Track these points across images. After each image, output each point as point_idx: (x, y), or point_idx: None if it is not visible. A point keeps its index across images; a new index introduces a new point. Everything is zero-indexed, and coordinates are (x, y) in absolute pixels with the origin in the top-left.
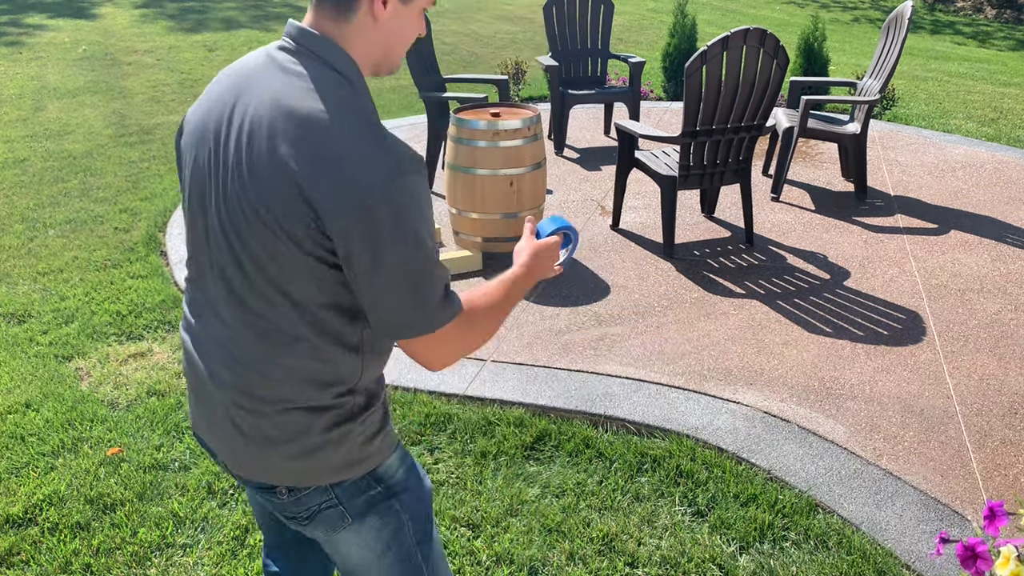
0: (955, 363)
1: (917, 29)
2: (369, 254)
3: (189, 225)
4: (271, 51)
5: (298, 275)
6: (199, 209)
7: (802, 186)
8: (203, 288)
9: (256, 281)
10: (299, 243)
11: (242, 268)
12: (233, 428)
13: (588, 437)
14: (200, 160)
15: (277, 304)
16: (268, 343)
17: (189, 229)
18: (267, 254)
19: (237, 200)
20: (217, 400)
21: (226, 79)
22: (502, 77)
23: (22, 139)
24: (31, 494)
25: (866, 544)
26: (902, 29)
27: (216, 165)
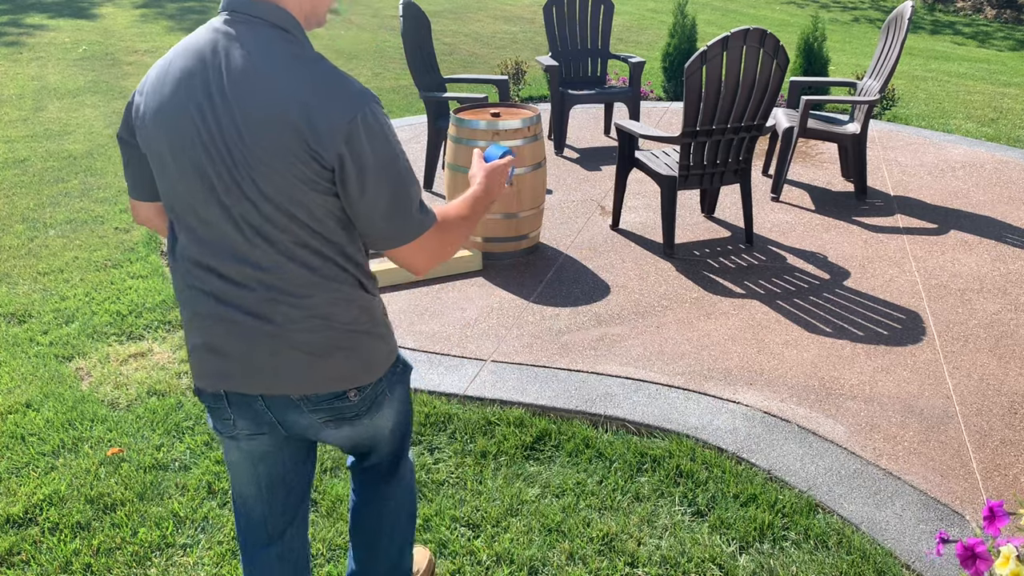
0: (955, 363)
1: (917, 29)
2: (356, 170)
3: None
4: (218, 26)
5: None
6: (196, 176)
7: (802, 186)
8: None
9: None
10: (306, 181)
11: (268, 218)
12: (302, 354)
13: (588, 437)
14: (187, 135)
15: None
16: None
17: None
18: (285, 198)
19: (246, 162)
20: (272, 338)
21: (182, 59)
22: (502, 77)
23: (22, 139)
24: (31, 494)
25: (866, 544)
26: (902, 29)
27: (212, 136)
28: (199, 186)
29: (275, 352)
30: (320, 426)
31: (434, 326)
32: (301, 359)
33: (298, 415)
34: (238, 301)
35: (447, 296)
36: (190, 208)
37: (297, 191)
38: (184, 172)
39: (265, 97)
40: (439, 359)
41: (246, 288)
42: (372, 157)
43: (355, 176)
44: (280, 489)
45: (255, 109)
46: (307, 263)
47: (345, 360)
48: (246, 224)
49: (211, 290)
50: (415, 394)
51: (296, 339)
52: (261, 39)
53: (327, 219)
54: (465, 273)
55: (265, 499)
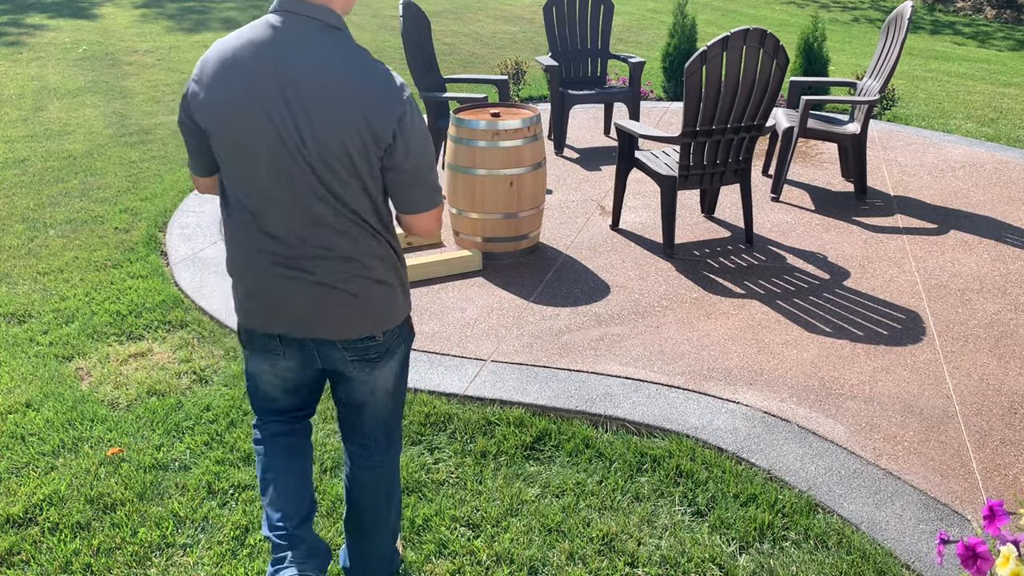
0: (955, 363)
1: (917, 29)
2: (404, 145)
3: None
4: (276, 23)
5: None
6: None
7: (802, 186)
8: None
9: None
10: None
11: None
12: (351, 299)
13: (588, 437)
14: (263, 126)
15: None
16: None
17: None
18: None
19: (318, 148)
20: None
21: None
22: (502, 77)
23: (22, 139)
24: (31, 494)
25: (866, 544)
26: (902, 29)
27: (288, 127)
28: (272, 168)
29: (326, 304)
30: (348, 363)
31: (434, 326)
32: (346, 310)
33: (335, 351)
34: (300, 264)
35: (447, 296)
36: (259, 186)
37: (359, 167)
38: (258, 156)
39: (333, 92)
40: (439, 359)
41: (305, 254)
42: (413, 136)
43: (403, 149)
44: (295, 396)
45: (324, 103)
46: (354, 232)
47: (378, 309)
48: (313, 199)
49: (273, 254)
50: (415, 394)
51: (342, 294)
52: (319, 37)
53: (375, 193)
54: (465, 273)
55: (284, 395)
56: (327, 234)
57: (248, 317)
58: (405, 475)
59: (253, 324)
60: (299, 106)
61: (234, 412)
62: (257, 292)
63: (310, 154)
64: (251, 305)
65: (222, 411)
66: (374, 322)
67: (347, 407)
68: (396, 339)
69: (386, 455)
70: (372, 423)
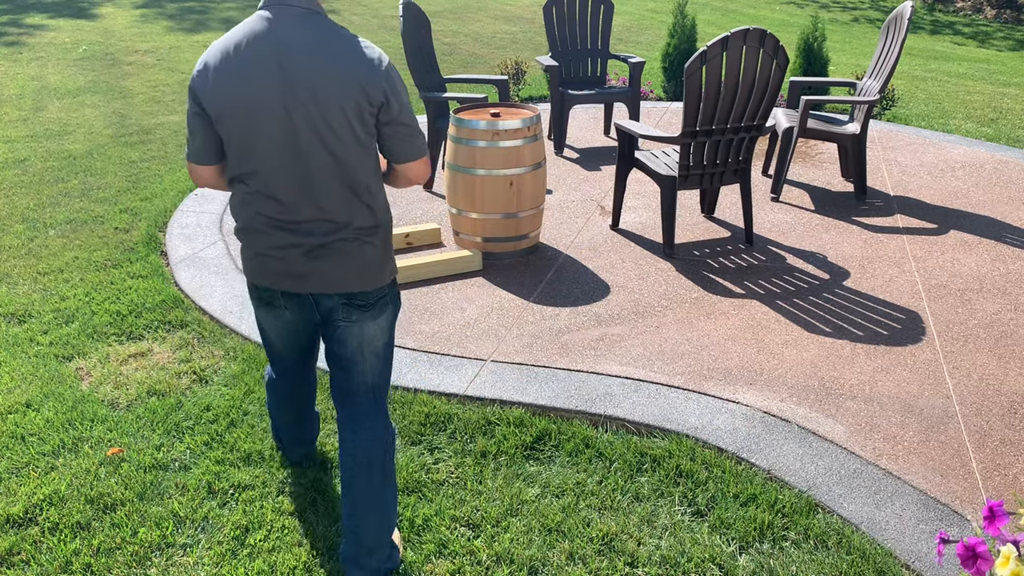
0: (955, 363)
1: (917, 29)
2: (396, 103)
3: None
4: (268, 15)
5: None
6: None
7: (802, 186)
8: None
9: (343, 160)
10: (363, 121)
11: (335, 155)
12: (345, 258)
13: (588, 437)
14: (272, 104)
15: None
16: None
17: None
18: (349, 139)
19: (321, 114)
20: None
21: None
22: (502, 77)
23: (22, 139)
24: (31, 494)
25: (866, 544)
26: (902, 29)
27: (294, 101)
28: (283, 138)
29: (324, 263)
30: (342, 312)
31: (434, 326)
32: (341, 268)
33: (330, 302)
34: (302, 228)
35: (447, 296)
36: (267, 160)
37: (357, 129)
38: (266, 132)
39: (328, 66)
40: (439, 359)
41: (307, 218)
42: (402, 95)
43: (396, 106)
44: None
45: (322, 76)
46: (350, 200)
47: (368, 269)
48: (317, 164)
49: (279, 219)
50: (415, 394)
51: (338, 254)
52: (306, 22)
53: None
54: (465, 273)
55: (286, 350)
56: (328, 201)
57: (255, 275)
58: (405, 475)
59: (259, 281)
60: (299, 84)
61: (234, 412)
62: (264, 253)
63: (315, 124)
64: (257, 264)
65: (222, 411)
66: (365, 280)
67: (339, 366)
68: (384, 298)
69: (375, 423)
70: (362, 387)
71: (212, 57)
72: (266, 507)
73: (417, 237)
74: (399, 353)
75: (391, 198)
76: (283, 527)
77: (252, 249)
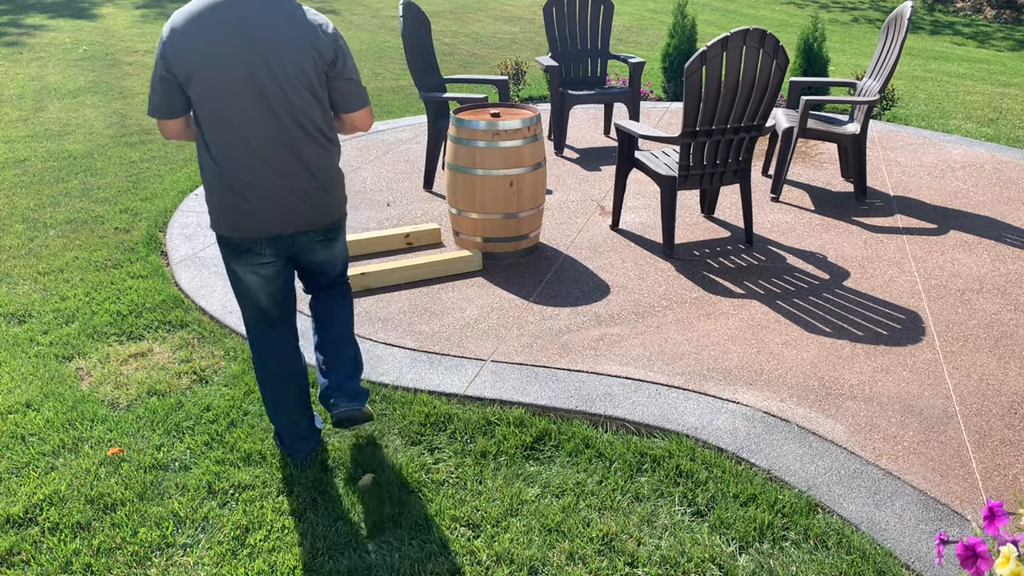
0: (955, 363)
1: (916, 29)
2: (342, 58)
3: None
4: None
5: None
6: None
7: (802, 186)
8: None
9: (301, 118)
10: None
11: (300, 111)
12: (321, 195)
13: (588, 437)
14: (239, 68)
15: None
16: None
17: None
18: (307, 95)
19: (284, 74)
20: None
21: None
22: (502, 77)
23: (22, 139)
24: (31, 494)
25: (866, 544)
26: (901, 29)
27: (259, 65)
28: (253, 97)
29: (301, 202)
30: (316, 244)
31: (434, 326)
32: (317, 205)
33: (305, 238)
34: (290, 175)
35: (447, 296)
36: (237, 117)
37: (313, 82)
38: (239, 90)
39: (285, 31)
40: (439, 359)
41: (292, 164)
42: (348, 54)
43: (343, 62)
44: (284, 295)
45: (280, 40)
46: (316, 141)
47: (333, 203)
48: (289, 121)
49: (258, 167)
50: (415, 394)
51: (314, 193)
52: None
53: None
54: (465, 273)
55: (272, 303)
56: (303, 146)
57: (238, 227)
58: (405, 475)
59: (244, 232)
60: (261, 47)
61: (234, 412)
62: (248, 205)
63: (278, 81)
64: (243, 215)
65: (222, 411)
66: (331, 212)
67: (313, 272)
68: (343, 222)
69: (341, 286)
70: (332, 273)
71: (178, 25)
72: (266, 507)
73: (417, 237)
74: (399, 353)
75: (391, 198)
76: (283, 527)
77: (240, 203)
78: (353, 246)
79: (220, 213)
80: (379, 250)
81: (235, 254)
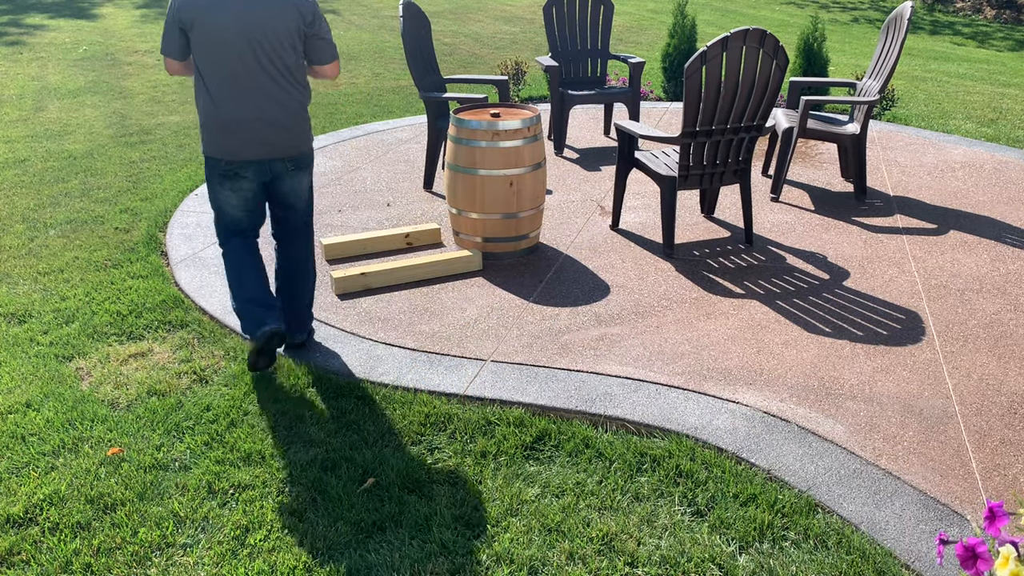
0: (954, 363)
1: (916, 30)
2: (319, 22)
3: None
4: None
5: (296, 50)
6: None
7: (802, 186)
8: (238, 84)
9: (280, 66)
10: (299, 34)
11: (280, 59)
12: (295, 126)
13: (588, 437)
14: (239, 30)
15: (289, 65)
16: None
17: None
18: (290, 49)
19: (275, 34)
20: (280, 123)
21: None
22: (502, 78)
23: (22, 139)
24: (31, 494)
25: (865, 544)
26: (901, 29)
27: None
28: (242, 47)
29: (278, 134)
30: (288, 172)
31: (434, 326)
32: (290, 137)
33: (280, 164)
34: (268, 110)
35: (447, 296)
36: (229, 63)
37: (295, 39)
38: (232, 41)
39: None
40: (439, 359)
41: (270, 102)
42: (321, 16)
43: (319, 23)
44: (254, 211)
45: (272, 4)
46: (290, 85)
47: (303, 136)
48: (272, 68)
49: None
50: (415, 394)
51: (288, 128)
52: None
53: (301, 55)
54: (465, 273)
55: (246, 215)
56: (275, 89)
57: (227, 151)
58: (405, 475)
59: (231, 155)
60: (254, 7)
61: (234, 412)
62: (236, 133)
63: (265, 35)
64: (231, 141)
65: (222, 411)
66: (301, 143)
67: (281, 206)
68: (311, 157)
69: (305, 233)
70: (295, 219)
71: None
72: (266, 507)
73: (417, 237)
74: (399, 353)
75: (391, 198)
76: (283, 527)
77: (229, 131)
78: (353, 246)
79: (212, 140)
80: (379, 250)
81: (222, 176)
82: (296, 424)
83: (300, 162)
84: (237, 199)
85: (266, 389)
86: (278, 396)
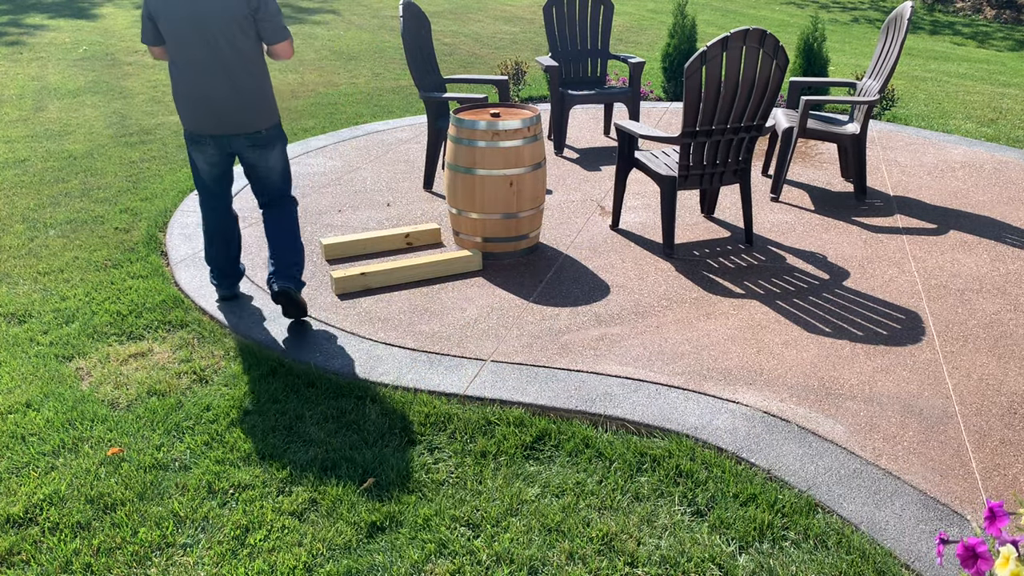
0: (954, 363)
1: (916, 29)
2: (264, 6)
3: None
4: None
5: (247, 34)
6: (200, 37)
7: (802, 186)
8: (197, 66)
9: (235, 52)
10: (248, 19)
11: (232, 44)
12: (248, 107)
13: (588, 437)
14: (192, 21)
15: (243, 49)
16: (243, 69)
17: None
18: (241, 35)
19: (222, 19)
20: (232, 103)
21: None
22: (502, 78)
23: (23, 139)
24: (31, 494)
25: (865, 544)
26: (901, 29)
27: (206, 16)
28: (198, 33)
29: (231, 114)
30: (247, 148)
31: (434, 326)
32: (244, 116)
33: (238, 141)
34: (221, 90)
35: (447, 296)
36: (191, 48)
37: (246, 25)
38: (188, 29)
39: None
40: (439, 359)
41: (224, 83)
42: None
43: (265, 7)
44: (222, 179)
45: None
46: (247, 64)
47: (262, 112)
48: (226, 54)
49: (203, 83)
50: (415, 394)
51: (243, 108)
52: None
53: (255, 39)
54: (465, 273)
55: (214, 179)
56: (233, 70)
57: (191, 124)
58: (405, 475)
59: (193, 128)
60: (215, 4)
61: (234, 412)
62: (195, 109)
63: (216, 22)
64: (192, 116)
65: (222, 411)
66: (258, 122)
67: (255, 178)
68: (274, 136)
69: (283, 201)
70: (272, 187)
71: None
72: (266, 507)
73: (417, 237)
74: (399, 353)
75: (391, 198)
76: (283, 527)
77: (187, 107)
78: (353, 246)
79: (182, 113)
80: (379, 250)
81: (193, 144)
82: (296, 424)
83: (258, 139)
84: (204, 162)
85: (266, 389)
86: (278, 396)
